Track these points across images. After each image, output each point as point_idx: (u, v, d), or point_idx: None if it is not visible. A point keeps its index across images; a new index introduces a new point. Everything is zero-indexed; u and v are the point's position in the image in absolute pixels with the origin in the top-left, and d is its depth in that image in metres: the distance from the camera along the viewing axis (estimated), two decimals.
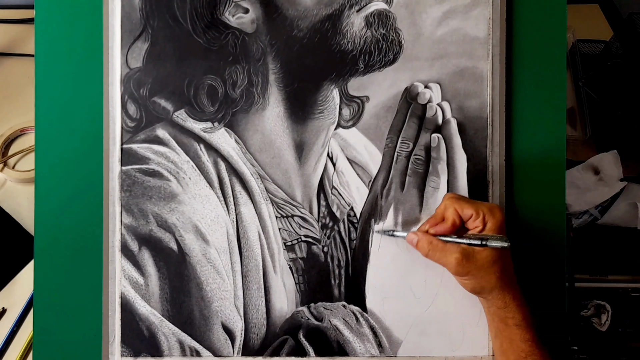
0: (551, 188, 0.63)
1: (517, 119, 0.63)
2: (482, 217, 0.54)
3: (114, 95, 0.62)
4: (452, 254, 0.53)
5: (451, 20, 0.62)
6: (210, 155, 0.62)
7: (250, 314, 0.61)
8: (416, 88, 0.62)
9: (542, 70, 0.63)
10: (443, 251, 0.54)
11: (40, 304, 0.63)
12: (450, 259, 0.53)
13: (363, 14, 0.61)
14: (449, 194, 0.58)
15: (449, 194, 0.58)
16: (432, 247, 0.55)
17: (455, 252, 0.53)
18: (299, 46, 0.61)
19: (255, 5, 0.61)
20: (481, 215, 0.54)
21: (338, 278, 0.62)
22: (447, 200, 0.56)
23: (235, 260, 0.61)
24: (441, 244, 0.54)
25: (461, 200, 0.56)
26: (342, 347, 0.61)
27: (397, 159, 0.62)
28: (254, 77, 0.61)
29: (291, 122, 0.62)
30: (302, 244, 0.62)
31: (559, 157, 0.63)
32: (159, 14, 0.61)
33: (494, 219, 0.54)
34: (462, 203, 0.55)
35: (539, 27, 0.63)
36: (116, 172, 0.61)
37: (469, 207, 0.54)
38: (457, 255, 0.53)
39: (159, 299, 0.61)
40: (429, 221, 0.57)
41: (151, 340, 0.61)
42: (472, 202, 0.55)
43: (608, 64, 0.96)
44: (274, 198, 0.62)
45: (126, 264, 0.61)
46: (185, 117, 0.61)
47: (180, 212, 0.61)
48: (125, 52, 0.61)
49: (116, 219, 0.61)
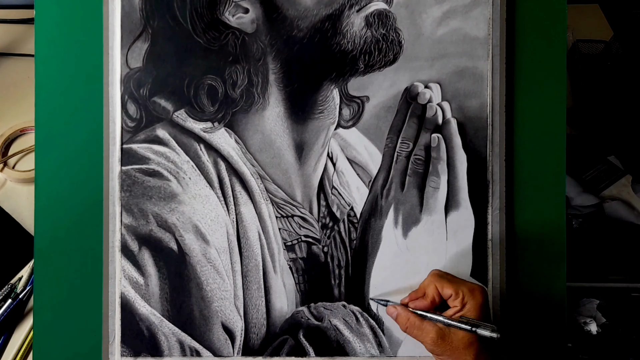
0: (551, 188, 0.63)
1: (517, 119, 0.63)
2: (462, 297, 0.53)
3: (114, 95, 0.62)
4: (428, 333, 0.53)
5: (451, 20, 0.62)
6: (210, 155, 0.62)
7: (250, 314, 0.61)
8: (416, 88, 0.62)
9: (542, 70, 0.63)
10: (420, 329, 0.54)
11: (40, 304, 0.63)
12: (426, 338, 0.53)
13: (363, 14, 0.61)
14: (435, 270, 0.57)
15: (434, 271, 0.57)
16: (410, 324, 0.55)
17: (431, 331, 0.53)
18: (299, 46, 0.61)
19: (255, 5, 0.61)
20: (460, 295, 0.53)
21: (338, 278, 0.62)
22: (430, 277, 0.56)
23: (235, 260, 0.61)
24: (418, 322, 0.54)
25: (443, 279, 0.55)
26: (342, 347, 0.61)
27: (397, 159, 0.62)
28: (254, 77, 0.61)
29: (291, 122, 0.62)
30: (302, 244, 0.62)
31: (559, 157, 0.63)
32: (159, 14, 0.61)
33: (474, 301, 0.53)
34: (443, 282, 0.54)
35: (539, 27, 0.63)
36: (116, 172, 0.61)
37: (449, 286, 0.54)
38: (433, 335, 0.53)
39: (159, 299, 0.61)
40: (411, 295, 0.57)
41: (151, 340, 0.61)
42: (454, 282, 0.54)
43: (608, 64, 0.96)
44: (274, 198, 0.62)
45: (126, 264, 0.61)
46: (185, 117, 0.61)
47: (180, 212, 0.61)
48: (125, 52, 0.61)
49: (116, 219, 0.61)
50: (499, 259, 0.62)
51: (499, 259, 0.62)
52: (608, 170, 0.85)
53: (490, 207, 0.62)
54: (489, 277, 0.62)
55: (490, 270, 0.62)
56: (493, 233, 0.62)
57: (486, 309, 0.53)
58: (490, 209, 0.62)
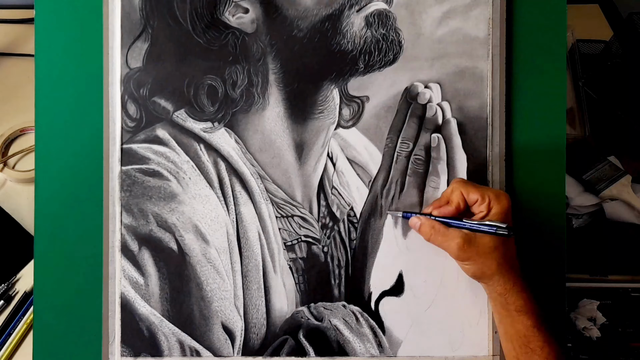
0: (551, 188, 0.63)
1: (517, 119, 0.63)
2: (488, 202, 0.54)
3: (114, 95, 0.62)
4: (453, 238, 0.54)
5: (451, 20, 0.62)
6: (210, 155, 0.62)
7: (250, 314, 0.61)
8: (416, 88, 0.62)
9: (542, 70, 0.63)
10: (445, 236, 0.54)
11: (40, 304, 0.63)
12: (452, 243, 0.54)
13: (363, 14, 0.61)
14: (458, 178, 0.59)
15: (457, 178, 0.58)
16: (434, 232, 0.55)
17: (457, 237, 0.53)
18: (299, 46, 0.61)
19: (255, 5, 0.61)
20: (487, 200, 0.54)
21: (338, 278, 0.62)
22: (454, 184, 0.57)
23: (235, 260, 0.61)
24: (443, 229, 0.55)
25: (468, 184, 0.56)
26: (342, 347, 0.61)
27: (397, 159, 0.62)
28: (254, 77, 0.61)
29: (291, 122, 0.62)
30: (302, 244, 0.62)
31: (559, 157, 0.63)
32: (159, 14, 0.61)
33: (499, 205, 0.54)
34: (469, 187, 0.56)
35: (539, 27, 0.63)
36: (116, 172, 0.61)
37: (475, 191, 0.55)
38: (459, 240, 0.53)
39: (159, 299, 0.61)
40: (434, 203, 0.58)
41: (151, 340, 0.61)
42: (479, 187, 0.56)
43: (608, 64, 0.96)
44: (274, 198, 0.62)
45: (126, 264, 0.61)
46: (185, 117, 0.61)
47: (180, 212, 0.61)
48: (125, 52, 0.61)
49: (116, 219, 0.61)
50: None
51: None
52: (608, 170, 0.85)
53: None
54: None
55: None
56: None
57: (510, 215, 0.54)
58: None
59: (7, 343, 0.73)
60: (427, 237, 0.56)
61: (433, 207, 0.57)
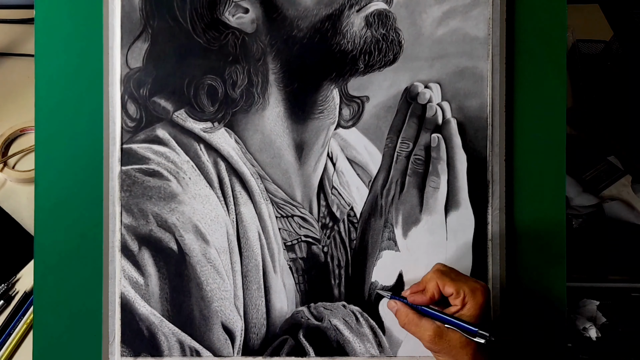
0: (551, 188, 0.63)
1: (517, 119, 0.63)
2: (462, 297, 0.52)
3: (114, 95, 0.62)
4: (425, 330, 0.53)
5: (451, 20, 0.62)
6: (210, 155, 0.62)
7: (250, 314, 0.61)
8: (416, 88, 0.62)
9: (542, 70, 0.63)
10: (417, 326, 0.54)
11: (40, 304, 0.63)
12: (424, 335, 0.53)
13: (363, 14, 0.61)
14: (439, 264, 0.56)
15: (438, 265, 0.56)
16: (408, 321, 0.54)
17: (429, 329, 0.53)
18: (299, 46, 0.61)
19: (255, 5, 0.61)
20: (462, 295, 0.52)
21: (338, 278, 0.62)
22: (433, 272, 0.55)
23: (235, 260, 0.61)
24: (416, 319, 0.54)
25: (445, 277, 0.54)
26: (342, 347, 0.61)
27: (397, 159, 0.62)
28: (254, 77, 0.61)
29: (291, 122, 0.62)
30: (302, 244, 0.62)
31: (559, 157, 0.63)
32: (159, 14, 0.61)
33: (474, 301, 0.52)
34: (445, 279, 0.54)
35: (539, 27, 0.63)
36: (116, 172, 0.61)
37: (451, 284, 0.53)
38: (430, 333, 0.52)
39: (159, 299, 0.61)
40: (412, 287, 0.56)
41: (151, 340, 0.61)
42: (456, 280, 0.53)
43: (608, 64, 0.96)
44: (274, 198, 0.62)
45: (126, 264, 0.61)
46: (185, 117, 0.61)
47: (180, 212, 0.61)
48: (125, 52, 0.61)
49: (116, 219, 0.61)
50: (499, 258, 0.62)
51: (498, 259, 0.62)
52: (608, 170, 0.85)
53: (490, 207, 0.62)
54: (489, 277, 0.62)
55: (490, 270, 0.62)
56: (493, 233, 0.62)
57: (486, 309, 0.53)
58: (490, 209, 0.62)
59: (7, 343, 0.73)
60: (401, 324, 0.55)
61: (410, 291, 0.56)
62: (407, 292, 0.57)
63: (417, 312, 0.54)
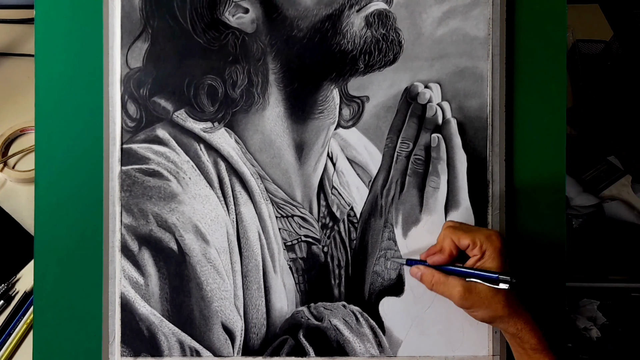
0: (551, 188, 0.63)
1: (517, 119, 0.63)
2: (480, 245, 0.53)
3: (114, 95, 0.62)
4: (454, 287, 0.53)
5: (451, 20, 0.62)
6: (210, 155, 0.62)
7: (250, 314, 0.61)
8: (416, 88, 0.62)
9: (542, 70, 0.63)
10: (445, 285, 0.54)
11: (40, 304, 0.63)
12: (454, 292, 0.53)
13: (363, 14, 0.61)
14: (449, 222, 0.57)
15: (448, 222, 0.57)
16: (435, 282, 0.55)
17: (458, 285, 0.53)
18: (299, 46, 0.61)
19: (255, 5, 0.61)
20: (478, 244, 0.53)
21: (338, 278, 0.62)
22: (445, 230, 0.56)
23: (235, 260, 0.61)
24: (443, 278, 0.54)
25: (458, 230, 0.55)
26: (342, 347, 0.61)
27: (397, 159, 0.62)
28: (254, 77, 0.61)
29: (291, 122, 0.62)
30: (302, 244, 0.62)
31: (559, 157, 0.63)
32: (159, 14, 0.61)
33: (492, 247, 0.53)
34: (459, 233, 0.55)
35: (539, 27, 0.63)
36: (116, 172, 0.61)
37: (465, 236, 0.54)
38: (460, 289, 0.53)
39: (159, 299, 0.61)
40: (430, 249, 0.57)
41: (151, 340, 0.61)
42: (469, 231, 0.55)
43: (608, 64, 0.96)
44: (274, 198, 0.62)
45: (126, 264, 0.61)
46: (185, 117, 0.61)
47: (180, 212, 0.61)
48: (125, 52, 0.61)
49: (116, 219, 0.61)
50: None
51: None
52: (608, 170, 0.86)
53: (490, 207, 0.62)
54: None
55: None
56: None
57: (505, 253, 0.54)
58: (490, 209, 0.62)
59: (7, 343, 0.73)
60: (429, 287, 0.56)
61: (427, 253, 0.57)
62: (424, 255, 0.57)
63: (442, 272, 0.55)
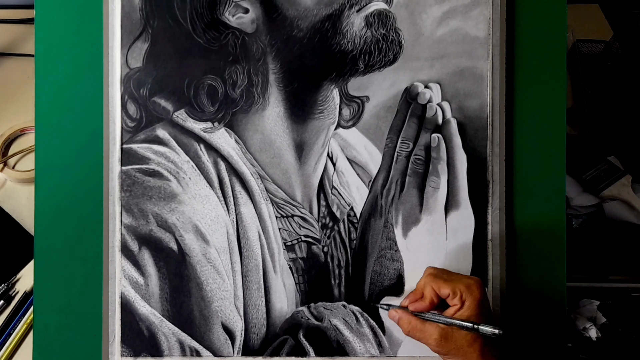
0: (551, 188, 0.63)
1: (517, 119, 0.63)
2: (460, 295, 0.52)
3: (114, 95, 0.62)
4: (431, 334, 0.53)
5: (451, 20, 0.62)
6: (210, 155, 0.62)
7: (250, 314, 0.61)
8: (416, 88, 0.62)
9: (542, 70, 0.63)
10: (422, 332, 0.53)
11: (40, 304, 0.63)
12: (430, 339, 0.53)
13: (363, 14, 0.61)
14: (429, 268, 0.56)
15: (429, 269, 0.56)
16: (412, 328, 0.54)
17: (434, 332, 0.52)
18: (299, 46, 0.61)
19: (255, 5, 0.61)
20: (458, 294, 0.52)
21: (338, 278, 0.62)
22: (425, 277, 0.55)
23: (235, 260, 0.61)
24: (420, 325, 0.54)
25: (438, 279, 0.54)
26: (342, 347, 0.61)
27: (397, 159, 0.62)
28: (254, 77, 0.61)
29: (291, 122, 0.62)
30: (302, 244, 0.62)
31: (559, 157, 0.63)
32: (159, 14, 0.61)
33: (472, 297, 0.52)
34: (439, 282, 0.54)
35: (539, 27, 0.63)
36: (116, 172, 0.61)
37: (445, 286, 0.53)
38: (436, 336, 0.52)
39: (159, 299, 0.61)
40: (410, 296, 0.56)
41: (151, 340, 0.61)
42: (450, 280, 0.54)
43: (608, 64, 0.96)
44: (274, 198, 0.62)
45: (126, 264, 0.61)
46: (185, 117, 0.61)
47: (180, 212, 0.61)
48: (125, 52, 0.61)
49: (116, 219, 0.61)
50: (499, 258, 0.62)
51: (499, 259, 0.62)
52: (608, 170, 0.85)
53: (490, 207, 0.62)
54: (489, 277, 0.62)
55: (490, 270, 0.62)
56: (493, 233, 0.62)
57: (485, 303, 0.53)
58: (490, 209, 0.62)
59: (7, 343, 0.73)
60: (405, 332, 0.55)
61: (409, 300, 0.56)
62: (406, 302, 0.56)
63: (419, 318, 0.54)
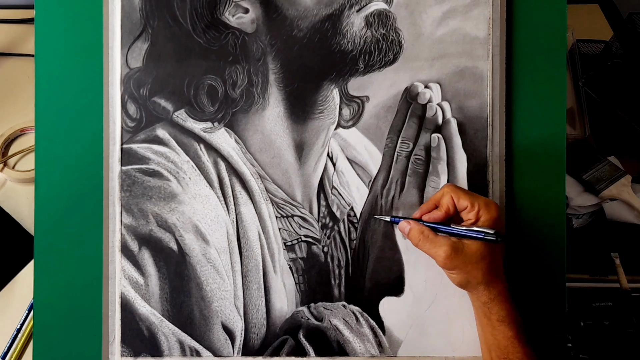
0: (551, 188, 0.63)
1: (517, 119, 0.63)
2: (477, 210, 0.53)
3: (114, 95, 0.62)
4: (441, 246, 0.53)
5: (451, 20, 0.62)
6: (210, 155, 0.62)
7: (250, 314, 0.61)
8: (416, 88, 0.62)
9: (542, 70, 0.63)
10: (433, 243, 0.54)
11: (40, 304, 0.63)
12: (440, 251, 0.53)
13: (363, 14, 0.61)
14: (449, 183, 0.58)
15: (448, 184, 0.58)
16: (423, 237, 0.54)
17: (445, 244, 0.53)
18: (299, 46, 0.61)
19: (255, 5, 0.61)
20: (476, 208, 0.53)
21: (338, 278, 0.62)
22: (445, 188, 0.56)
23: (235, 260, 0.61)
24: (432, 235, 0.54)
25: (459, 190, 0.55)
26: (342, 347, 0.61)
27: (397, 159, 0.62)
28: (254, 77, 0.61)
29: (291, 122, 0.62)
30: (302, 244, 0.62)
31: (559, 157, 0.63)
32: (159, 14, 0.61)
33: (488, 214, 0.53)
34: (459, 193, 0.55)
35: (539, 27, 0.63)
36: (116, 172, 0.61)
37: (465, 197, 0.54)
38: (446, 248, 0.52)
39: (159, 299, 0.61)
40: (422, 208, 0.57)
41: (151, 340, 0.61)
42: (470, 194, 0.55)
43: (608, 64, 0.96)
44: (274, 198, 0.62)
45: (126, 264, 0.61)
46: (185, 117, 0.61)
47: (180, 212, 0.61)
48: (125, 52, 0.61)
49: (116, 219, 0.61)
50: None
51: None
52: (608, 170, 0.85)
53: None
54: None
55: None
56: None
57: (500, 224, 0.54)
58: None
59: (13, 345, 0.72)
60: (415, 243, 0.55)
61: (421, 211, 0.57)
62: (418, 214, 0.56)
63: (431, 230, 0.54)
